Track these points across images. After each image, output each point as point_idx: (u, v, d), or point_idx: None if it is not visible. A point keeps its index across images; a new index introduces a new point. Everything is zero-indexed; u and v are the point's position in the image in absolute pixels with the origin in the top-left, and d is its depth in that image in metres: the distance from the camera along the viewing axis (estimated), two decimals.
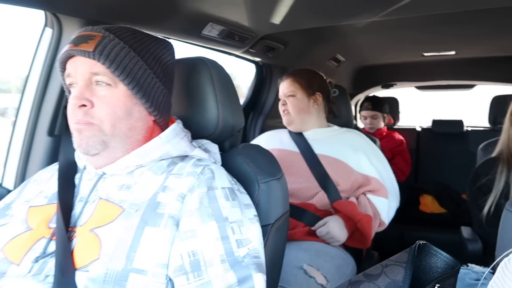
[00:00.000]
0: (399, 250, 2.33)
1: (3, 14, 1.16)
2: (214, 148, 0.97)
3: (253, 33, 1.63)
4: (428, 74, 3.04)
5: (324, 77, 1.74)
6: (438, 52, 2.53)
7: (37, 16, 1.13)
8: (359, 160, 1.60)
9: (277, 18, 1.47)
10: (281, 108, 1.70)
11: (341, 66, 2.67)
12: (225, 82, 1.02)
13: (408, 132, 3.06)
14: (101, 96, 0.78)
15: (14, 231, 0.78)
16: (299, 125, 1.69)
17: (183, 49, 1.60)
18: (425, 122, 3.26)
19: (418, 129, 3.16)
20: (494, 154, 1.57)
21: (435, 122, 3.04)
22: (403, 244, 2.44)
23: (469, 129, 2.97)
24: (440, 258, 0.63)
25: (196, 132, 0.97)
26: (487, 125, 2.79)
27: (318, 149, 1.62)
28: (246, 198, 0.85)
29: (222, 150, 1.03)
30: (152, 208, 0.74)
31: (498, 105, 2.68)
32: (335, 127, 1.74)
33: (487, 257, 1.42)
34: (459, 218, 2.34)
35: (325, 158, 1.59)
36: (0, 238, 0.78)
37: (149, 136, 0.85)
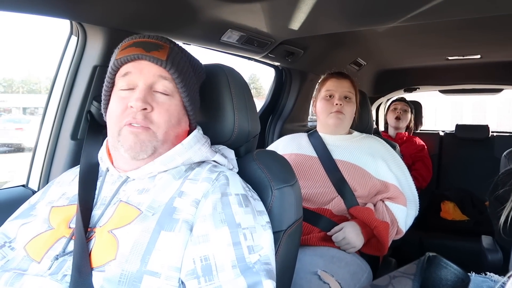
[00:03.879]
0: (418, 257, 2.28)
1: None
2: (231, 153, 0.99)
3: (272, 38, 1.65)
4: (453, 78, 2.98)
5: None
6: (463, 56, 2.48)
7: (64, 23, 1.18)
8: (378, 167, 1.58)
9: (296, 24, 1.48)
10: (333, 107, 1.64)
11: (362, 70, 2.65)
12: (241, 88, 1.03)
13: (430, 136, 3.00)
14: (160, 103, 0.83)
15: (36, 229, 0.82)
16: (341, 130, 1.70)
17: (204, 53, 1.64)
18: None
19: (441, 134, 3.09)
20: None
21: (458, 126, 2.97)
22: (422, 251, 2.40)
23: (495, 134, 2.88)
24: (450, 270, 0.62)
25: (213, 138, 1.00)
26: None
27: (336, 155, 1.62)
28: (259, 205, 0.87)
29: (237, 155, 1.05)
30: (168, 213, 0.77)
31: None
32: (356, 133, 1.74)
33: (507, 267, 1.39)
34: (482, 226, 2.28)
35: (343, 163, 1.59)
36: (23, 236, 0.82)
37: (180, 140, 0.89)
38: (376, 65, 2.80)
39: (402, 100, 2.90)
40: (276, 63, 2.04)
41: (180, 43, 0.94)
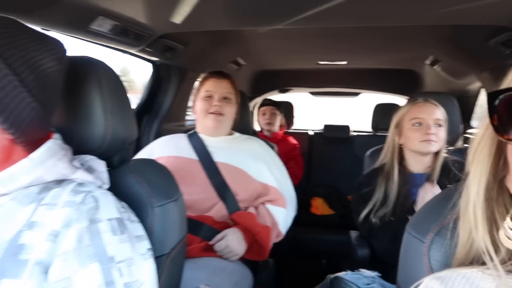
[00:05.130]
0: (293, 254, 2.40)
1: None
2: (100, 165, 0.83)
3: (150, 31, 1.49)
4: (322, 81, 3.22)
5: None
6: (331, 61, 2.68)
7: None
8: (259, 169, 1.58)
9: (178, 17, 1.36)
10: (212, 108, 1.57)
11: (241, 69, 2.65)
12: (115, 87, 0.89)
13: (301, 136, 3.18)
14: None
15: None
16: (221, 132, 1.63)
17: (70, 43, 1.38)
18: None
19: (311, 133, 3.31)
20: (377, 164, 1.68)
21: (326, 127, 3.21)
22: (296, 247, 2.56)
23: (355, 134, 3.20)
24: None
25: (79, 146, 0.83)
26: (370, 130, 3.06)
27: (217, 157, 1.56)
28: (137, 229, 0.74)
29: (110, 166, 0.90)
30: (12, 253, 0.59)
31: (380, 112, 2.95)
32: (237, 134, 1.70)
33: (376, 261, 1.53)
34: (347, 219, 2.51)
35: (224, 166, 1.53)
36: None
37: (6, 159, 0.67)
38: (255, 65, 2.84)
39: (270, 104, 2.94)
40: (154, 58, 1.88)
41: (38, 28, 0.74)
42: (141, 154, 1.65)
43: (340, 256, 2.60)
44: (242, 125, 1.82)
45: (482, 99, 2.54)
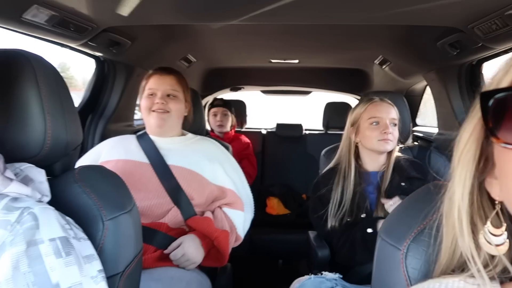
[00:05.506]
0: (251, 256, 2.35)
1: None
2: (40, 175, 0.72)
3: (93, 23, 1.36)
4: (273, 80, 3.20)
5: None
6: (284, 59, 2.66)
7: None
8: (215, 171, 1.51)
9: (125, 9, 1.25)
10: (155, 106, 1.47)
11: (192, 67, 2.56)
12: (55, 85, 0.79)
13: (254, 135, 3.15)
14: None
15: None
16: (168, 131, 1.53)
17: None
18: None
19: (264, 132, 3.28)
20: (332, 164, 1.68)
21: (279, 125, 3.20)
22: (253, 249, 2.51)
23: (307, 132, 3.22)
24: None
25: (13, 153, 0.72)
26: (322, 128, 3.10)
27: (170, 160, 1.47)
28: (86, 247, 0.64)
29: (51, 174, 0.79)
30: None
31: (331, 111, 2.99)
32: (190, 135, 1.61)
33: (335, 261, 1.52)
34: (302, 218, 2.51)
35: (178, 169, 1.45)
36: None
37: None
38: (206, 63, 2.76)
39: (220, 105, 2.88)
40: (98, 53, 1.74)
41: None
42: (85, 159, 1.51)
43: (297, 256, 2.60)
44: (195, 125, 1.74)
45: (426, 97, 2.66)
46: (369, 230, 1.39)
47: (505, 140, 0.39)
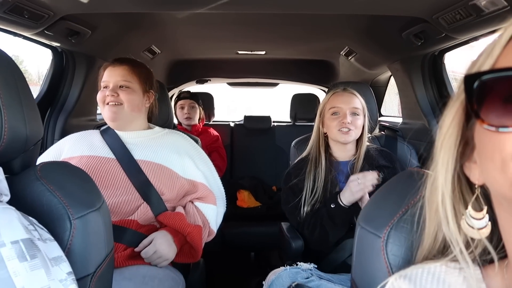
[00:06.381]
0: (223, 251, 2.32)
1: None
2: None
3: (50, 11, 1.28)
4: (240, 71, 3.17)
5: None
6: (251, 51, 2.63)
7: None
8: (185, 165, 1.47)
9: None
10: (107, 99, 1.40)
11: (156, 58, 2.48)
12: (11, 76, 0.73)
13: (222, 127, 3.11)
14: None
15: None
16: (126, 124, 1.45)
17: None
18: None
19: (232, 125, 3.25)
20: (305, 153, 1.68)
21: (246, 118, 3.18)
22: (224, 243, 2.49)
23: (275, 124, 3.22)
24: None
25: None
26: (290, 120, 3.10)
27: (138, 155, 1.41)
28: (53, 249, 0.60)
29: (10, 172, 0.73)
30: None
31: (297, 102, 3.00)
32: (157, 128, 1.56)
33: (309, 252, 1.53)
34: (273, 210, 2.51)
35: (146, 164, 1.40)
36: None
37: None
38: (171, 54, 2.68)
39: (187, 97, 2.81)
40: (55, 44, 1.63)
41: None
42: (46, 155, 1.43)
43: (269, 248, 2.60)
44: (162, 118, 1.68)
45: (390, 88, 2.72)
46: (332, 205, 1.41)
47: (489, 122, 0.38)
